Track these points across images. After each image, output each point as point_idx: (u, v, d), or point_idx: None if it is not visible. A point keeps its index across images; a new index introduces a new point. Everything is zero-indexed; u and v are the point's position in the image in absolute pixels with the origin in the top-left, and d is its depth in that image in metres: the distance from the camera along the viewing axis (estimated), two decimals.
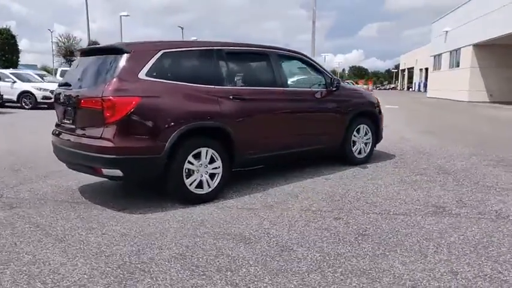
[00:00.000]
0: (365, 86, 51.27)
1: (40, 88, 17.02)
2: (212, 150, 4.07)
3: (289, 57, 5.25)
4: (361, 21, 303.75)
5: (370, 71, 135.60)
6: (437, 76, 33.02)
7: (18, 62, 34.60)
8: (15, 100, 16.87)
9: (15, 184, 4.80)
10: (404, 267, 2.70)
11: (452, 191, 4.53)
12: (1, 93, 15.64)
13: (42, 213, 3.78)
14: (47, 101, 16.84)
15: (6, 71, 18.45)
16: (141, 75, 3.73)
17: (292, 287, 2.47)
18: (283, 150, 4.90)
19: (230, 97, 4.24)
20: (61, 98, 4.20)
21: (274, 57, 4.84)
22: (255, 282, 2.52)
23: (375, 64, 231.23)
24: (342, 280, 2.55)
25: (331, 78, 5.41)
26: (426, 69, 43.82)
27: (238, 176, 4.89)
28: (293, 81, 5.37)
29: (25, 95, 16.90)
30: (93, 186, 4.72)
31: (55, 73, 31.77)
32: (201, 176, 4.03)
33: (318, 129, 5.25)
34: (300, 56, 5.37)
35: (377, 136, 6.08)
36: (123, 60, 3.70)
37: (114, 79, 3.62)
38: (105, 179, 4.63)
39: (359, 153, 5.82)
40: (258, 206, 4.01)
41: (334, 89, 5.39)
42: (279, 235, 3.26)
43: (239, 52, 4.59)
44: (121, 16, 36.53)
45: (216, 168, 4.13)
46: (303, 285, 2.49)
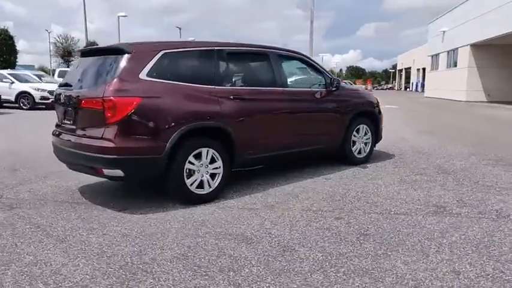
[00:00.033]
0: (363, 86, 51.35)
1: (38, 89, 16.99)
2: (213, 150, 4.06)
3: (289, 57, 5.26)
4: (359, 21, 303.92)
5: (367, 71, 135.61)
6: (435, 76, 33.10)
7: (16, 63, 34.53)
8: (13, 100, 16.85)
9: (15, 185, 4.78)
10: (407, 267, 2.70)
11: (452, 190, 4.54)
12: None
13: (42, 214, 3.77)
14: (45, 101, 16.87)
15: (4, 72, 18.39)
16: (142, 76, 3.72)
17: (295, 287, 2.47)
18: (283, 150, 4.91)
19: (231, 97, 4.24)
20: (61, 98, 4.18)
21: (275, 57, 4.84)
22: (258, 283, 2.51)
23: (372, 64, 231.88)
24: (344, 280, 2.55)
25: (331, 78, 5.42)
26: (423, 69, 43.96)
27: (239, 176, 4.89)
28: (293, 81, 5.37)
29: (23, 95, 16.87)
30: (93, 187, 4.70)
31: (53, 74, 31.68)
32: (202, 176, 4.02)
33: (318, 129, 5.26)
34: (300, 56, 5.38)
35: (376, 136, 6.09)
36: (124, 60, 3.69)
37: (115, 79, 3.61)
38: (105, 179, 4.62)
39: (359, 153, 5.83)
40: (259, 206, 4.01)
41: (334, 89, 5.40)
42: (281, 235, 3.26)
43: (239, 52, 4.59)
44: (119, 17, 36.45)
45: (216, 168, 4.12)
46: (306, 285, 2.49)
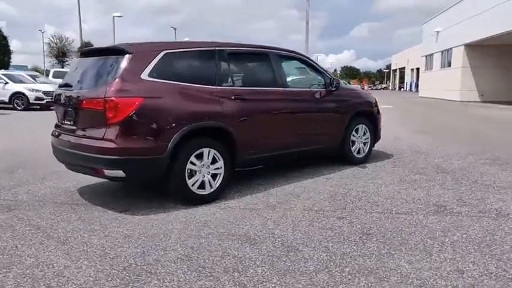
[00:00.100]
0: (359, 86, 51.51)
1: (32, 89, 16.87)
2: (214, 151, 4.05)
3: (289, 58, 5.26)
4: (352, 21, 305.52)
5: (361, 71, 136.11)
6: (429, 76, 33.29)
7: (10, 63, 34.24)
8: (7, 101, 16.70)
9: (12, 186, 4.74)
10: (411, 266, 2.71)
11: (451, 189, 4.56)
12: None
13: (42, 215, 3.73)
14: (39, 102, 16.76)
15: None
16: (144, 76, 3.70)
17: (300, 287, 2.47)
18: (284, 150, 4.90)
19: (232, 97, 4.23)
20: (61, 99, 4.15)
21: (275, 57, 4.84)
22: (264, 283, 2.51)
23: (366, 64, 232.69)
24: (349, 280, 2.55)
25: (331, 79, 5.43)
26: (417, 69, 44.20)
27: (239, 176, 4.88)
28: (293, 82, 5.38)
29: (17, 96, 16.73)
30: (93, 188, 4.67)
31: (46, 74, 31.47)
32: (203, 177, 4.01)
33: (317, 129, 5.26)
34: (300, 57, 5.39)
35: (375, 136, 6.11)
36: (125, 61, 3.67)
37: (117, 80, 3.59)
38: (104, 180, 4.59)
39: (358, 152, 5.85)
40: (261, 206, 4.00)
41: (333, 89, 5.41)
42: (284, 235, 3.26)
43: (240, 52, 4.58)
44: (114, 17, 36.33)
45: (218, 168, 4.11)
46: (312, 285, 2.49)
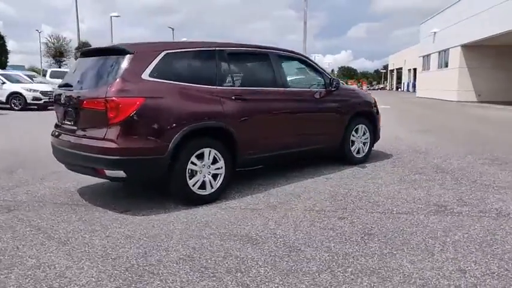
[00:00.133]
0: (357, 86, 51.54)
1: (30, 89, 16.80)
2: (215, 151, 4.04)
3: (289, 58, 5.26)
4: (350, 22, 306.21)
5: (359, 71, 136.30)
6: (426, 76, 33.39)
7: (7, 63, 34.10)
8: (5, 101, 16.62)
9: (11, 186, 4.71)
10: (413, 266, 2.71)
11: (451, 189, 4.57)
12: None
13: (42, 216, 3.72)
14: (36, 102, 16.70)
15: None
16: (145, 76, 3.69)
17: (303, 287, 2.47)
18: (284, 150, 4.90)
19: (232, 97, 4.23)
20: (62, 99, 4.13)
21: (275, 57, 4.84)
22: (266, 283, 2.50)
23: (363, 64, 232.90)
24: (352, 280, 2.55)
25: (330, 79, 5.44)
26: (414, 70, 44.29)
27: (240, 177, 4.87)
28: (293, 82, 5.38)
29: (14, 96, 16.66)
30: (93, 188, 4.65)
31: (44, 74, 31.36)
32: (204, 177, 4.00)
33: (317, 129, 5.27)
34: (299, 57, 5.40)
35: (375, 136, 6.12)
36: (126, 61, 3.66)
37: (118, 80, 3.58)
38: (104, 180, 4.58)
39: (357, 152, 5.86)
40: (262, 206, 4.00)
41: (333, 89, 5.41)
42: (286, 235, 3.25)
43: (240, 53, 4.58)
44: (111, 17, 36.22)
45: (218, 168, 4.11)
46: (315, 285, 2.49)
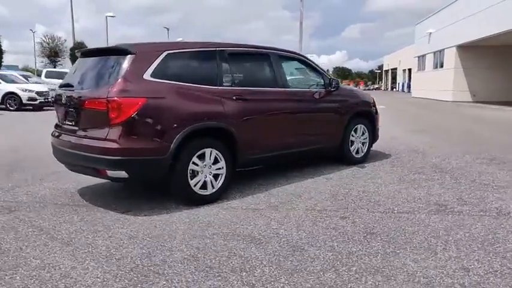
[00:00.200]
0: (353, 86, 51.68)
1: (25, 89, 16.70)
2: (216, 151, 4.05)
3: (289, 58, 5.28)
4: (344, 22, 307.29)
5: (353, 71, 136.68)
6: (422, 76, 33.54)
7: (2, 63, 33.84)
8: (0, 102, 16.51)
9: (11, 187, 4.69)
10: (417, 265, 2.74)
11: (451, 189, 4.61)
12: None
13: (43, 217, 3.70)
14: (32, 102, 16.60)
15: None
16: (146, 76, 3.69)
17: (308, 286, 2.48)
18: (284, 150, 4.92)
19: (233, 98, 4.23)
20: (62, 99, 4.11)
21: (275, 58, 4.86)
22: (272, 283, 2.51)
23: (358, 65, 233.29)
24: (357, 278, 2.56)
25: (330, 79, 5.46)
26: (409, 70, 44.47)
27: (240, 177, 4.88)
28: (293, 82, 5.39)
29: (10, 96, 16.55)
30: (93, 188, 4.64)
31: (38, 74, 31.15)
32: (205, 177, 4.01)
33: (317, 129, 5.29)
34: (299, 57, 5.42)
35: (374, 136, 6.15)
36: (128, 61, 3.65)
37: (119, 80, 3.58)
38: (105, 181, 4.57)
39: (357, 152, 5.88)
40: (263, 206, 4.01)
41: (332, 89, 5.43)
42: (289, 235, 3.27)
43: (241, 53, 4.59)
44: (107, 17, 36.10)
45: (219, 168, 4.11)
46: (320, 284, 2.50)
